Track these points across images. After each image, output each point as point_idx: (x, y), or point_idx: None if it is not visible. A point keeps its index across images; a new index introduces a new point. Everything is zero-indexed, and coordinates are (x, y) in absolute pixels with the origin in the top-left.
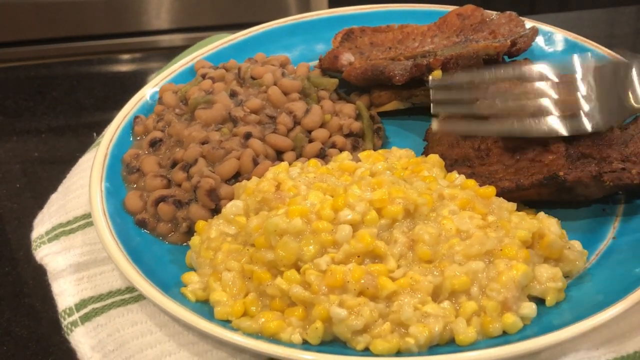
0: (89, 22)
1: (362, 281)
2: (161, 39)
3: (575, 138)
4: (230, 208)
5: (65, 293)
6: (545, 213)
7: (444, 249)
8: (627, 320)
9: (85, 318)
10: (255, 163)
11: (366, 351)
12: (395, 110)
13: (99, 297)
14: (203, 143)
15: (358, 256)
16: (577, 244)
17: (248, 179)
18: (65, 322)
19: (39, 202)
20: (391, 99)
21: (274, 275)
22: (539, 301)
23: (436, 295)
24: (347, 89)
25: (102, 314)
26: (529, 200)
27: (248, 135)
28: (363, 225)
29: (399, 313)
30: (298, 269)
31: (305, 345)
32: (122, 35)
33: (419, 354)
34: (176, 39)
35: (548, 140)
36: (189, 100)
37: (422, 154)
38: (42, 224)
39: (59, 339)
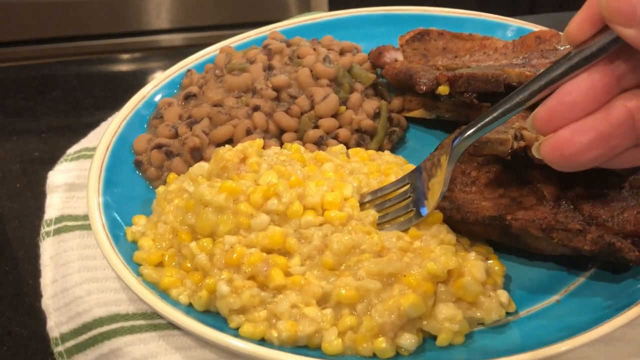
0: (89, 21)
1: (256, 266)
2: (161, 39)
3: (575, 189)
4: (196, 168)
5: (53, 206)
6: (507, 254)
7: (351, 261)
8: None
9: (57, 231)
10: (249, 134)
11: (236, 331)
12: (428, 119)
13: (75, 217)
14: (215, 105)
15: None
16: (503, 295)
17: None
18: (43, 230)
19: (39, 201)
20: (419, 106)
21: (194, 239)
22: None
23: (324, 301)
24: (394, 87)
25: (70, 232)
26: (488, 239)
27: (256, 108)
28: (287, 217)
29: (276, 305)
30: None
31: (189, 308)
32: (122, 35)
33: (281, 348)
34: (176, 38)
35: (542, 184)
36: (228, 64)
37: None
38: (78, 145)
39: None
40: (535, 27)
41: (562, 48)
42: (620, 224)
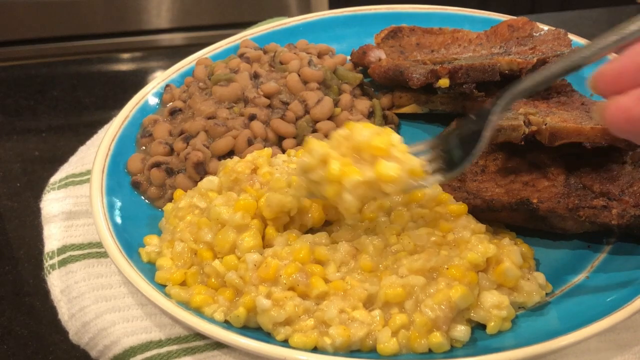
0: (89, 21)
1: (294, 277)
2: (161, 38)
3: (581, 168)
4: (205, 183)
5: (53, 237)
6: (528, 237)
7: (389, 261)
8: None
9: (62, 263)
10: (251, 144)
11: (286, 342)
12: (420, 114)
13: (79, 246)
14: (209, 118)
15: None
16: (540, 277)
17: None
18: (47, 264)
19: (39, 201)
20: (410, 102)
21: (214, 256)
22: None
23: (370, 303)
24: (378, 85)
25: (77, 262)
26: (510, 224)
27: (252, 117)
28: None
29: (324, 312)
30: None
31: (227, 324)
32: (123, 34)
33: (336, 354)
34: (176, 38)
35: (549, 166)
36: (212, 76)
37: None
38: (61, 172)
39: (59, 337)
40: (502, 17)
41: (537, 34)
42: (634, 196)
